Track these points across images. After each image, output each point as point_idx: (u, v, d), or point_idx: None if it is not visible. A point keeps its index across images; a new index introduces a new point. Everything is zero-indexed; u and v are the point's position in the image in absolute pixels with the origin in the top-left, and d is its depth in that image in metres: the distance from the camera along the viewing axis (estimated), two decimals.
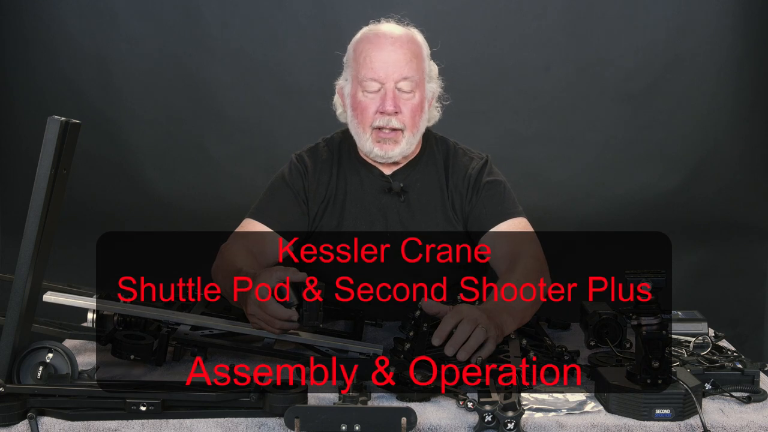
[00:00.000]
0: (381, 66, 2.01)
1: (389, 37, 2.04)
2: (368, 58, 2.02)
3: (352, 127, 2.09)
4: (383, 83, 2.01)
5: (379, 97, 2.02)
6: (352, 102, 2.07)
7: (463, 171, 2.15)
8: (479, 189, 2.12)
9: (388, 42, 2.03)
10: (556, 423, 1.41)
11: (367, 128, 2.05)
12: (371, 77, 2.01)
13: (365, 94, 2.03)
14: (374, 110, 2.03)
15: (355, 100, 2.05)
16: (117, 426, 1.40)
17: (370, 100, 2.03)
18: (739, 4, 3.37)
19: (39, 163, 1.39)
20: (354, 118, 2.07)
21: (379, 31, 2.06)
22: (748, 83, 3.42)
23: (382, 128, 2.03)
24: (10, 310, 1.42)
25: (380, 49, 2.02)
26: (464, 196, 2.13)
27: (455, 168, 2.15)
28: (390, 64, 2.01)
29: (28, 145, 2.25)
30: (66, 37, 3.39)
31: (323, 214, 2.11)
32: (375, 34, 2.06)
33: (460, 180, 2.14)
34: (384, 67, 2.01)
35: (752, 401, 1.52)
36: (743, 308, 3.53)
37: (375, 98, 2.02)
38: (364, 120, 2.04)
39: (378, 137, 2.05)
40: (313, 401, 1.48)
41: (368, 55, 2.02)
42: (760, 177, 3.48)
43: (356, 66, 2.04)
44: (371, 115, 2.03)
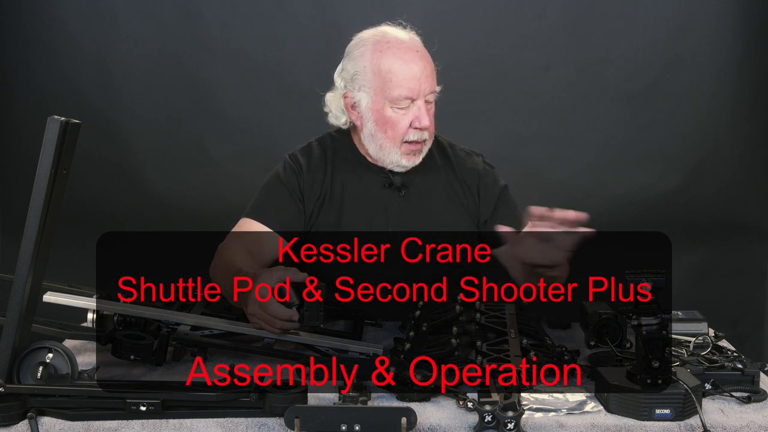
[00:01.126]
0: (414, 83, 2.01)
1: (411, 49, 2.04)
2: (399, 75, 2.01)
3: (375, 141, 2.07)
4: (415, 99, 2.02)
5: (410, 112, 2.02)
6: (377, 117, 2.05)
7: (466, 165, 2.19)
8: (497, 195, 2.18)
9: (414, 56, 2.03)
10: (556, 423, 1.42)
11: (397, 142, 2.05)
12: (406, 96, 2.01)
13: (396, 110, 2.03)
14: (407, 125, 2.03)
15: (382, 116, 2.04)
16: (117, 426, 1.41)
17: (401, 116, 2.03)
18: (739, 4, 3.37)
19: (39, 163, 1.39)
20: (381, 133, 2.05)
21: (399, 43, 2.04)
22: (748, 83, 3.42)
23: (414, 142, 2.05)
24: (10, 310, 1.42)
25: (408, 64, 2.01)
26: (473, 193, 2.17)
27: (455, 162, 2.19)
28: (422, 81, 2.01)
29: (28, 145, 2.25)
30: (66, 37, 3.39)
31: (319, 212, 2.11)
32: (396, 46, 2.03)
33: (467, 174, 2.17)
34: (417, 84, 2.01)
35: (752, 401, 1.52)
36: (743, 308, 3.53)
37: (407, 113, 2.03)
38: (396, 135, 2.04)
39: (408, 150, 2.06)
40: (313, 401, 1.48)
41: (398, 71, 2.01)
42: (760, 177, 3.48)
43: (381, 82, 2.02)
44: (403, 129, 2.04)
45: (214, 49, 3.41)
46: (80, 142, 1.44)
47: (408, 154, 2.07)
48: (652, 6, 3.40)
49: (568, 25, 3.40)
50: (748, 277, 3.55)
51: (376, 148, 2.08)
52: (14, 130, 3.44)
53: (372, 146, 2.09)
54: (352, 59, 2.07)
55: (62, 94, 3.40)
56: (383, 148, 2.07)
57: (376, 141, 2.07)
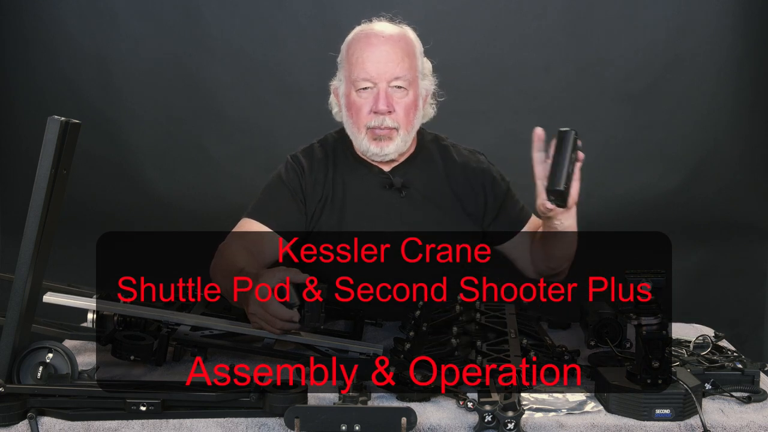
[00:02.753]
0: (373, 66, 2.01)
1: (380, 36, 2.05)
2: (360, 58, 2.03)
3: (347, 127, 2.10)
4: (376, 83, 2.02)
5: (372, 96, 2.03)
6: (346, 102, 2.07)
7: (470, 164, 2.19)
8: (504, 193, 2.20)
9: (380, 41, 2.03)
10: (556, 423, 1.41)
11: (362, 128, 2.05)
12: (363, 77, 2.02)
13: (359, 94, 2.04)
14: (368, 110, 2.03)
15: (349, 101, 2.06)
16: (117, 426, 1.41)
17: (363, 99, 2.04)
18: (739, 4, 3.37)
19: (39, 163, 1.39)
20: (349, 118, 2.08)
21: (370, 31, 2.07)
22: (748, 83, 3.41)
23: (376, 128, 2.04)
24: (10, 310, 1.42)
25: (372, 49, 2.03)
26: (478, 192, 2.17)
27: (460, 161, 2.19)
28: (382, 64, 2.01)
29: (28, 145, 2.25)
30: (66, 37, 3.39)
31: (321, 213, 2.11)
32: (366, 33, 2.06)
33: (471, 173, 2.17)
34: (376, 67, 2.01)
35: (752, 401, 1.52)
36: (743, 308, 3.53)
37: (368, 98, 2.03)
38: (359, 120, 2.05)
39: (373, 135, 2.05)
40: (313, 401, 1.48)
41: (360, 55, 2.03)
42: (760, 177, 3.48)
43: (348, 66, 2.05)
44: (365, 114, 2.04)
45: (214, 49, 3.41)
46: (80, 142, 1.44)
47: (375, 140, 2.06)
48: (652, 6, 3.40)
49: (568, 25, 3.40)
50: (748, 277, 3.55)
51: (352, 138, 2.11)
52: (14, 130, 3.44)
53: (351, 137, 2.11)
54: (340, 51, 2.11)
55: (62, 94, 3.40)
56: (353, 135, 2.09)
57: (348, 128, 2.10)
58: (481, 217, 2.19)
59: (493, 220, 2.20)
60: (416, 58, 2.07)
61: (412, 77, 2.05)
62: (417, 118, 2.09)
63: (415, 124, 2.09)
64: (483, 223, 2.20)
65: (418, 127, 2.12)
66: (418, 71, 2.08)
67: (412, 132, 2.10)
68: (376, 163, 2.14)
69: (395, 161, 2.14)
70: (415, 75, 2.06)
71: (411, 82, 2.05)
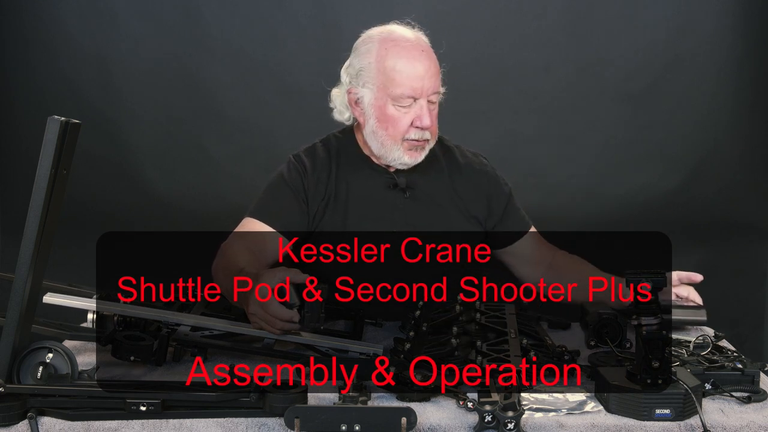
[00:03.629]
0: (417, 82, 2.01)
1: (417, 48, 2.04)
2: (402, 73, 2.01)
3: (377, 138, 2.07)
4: (418, 98, 2.02)
5: (412, 111, 2.03)
6: (378, 114, 2.05)
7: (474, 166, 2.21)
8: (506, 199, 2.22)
9: (418, 54, 2.03)
10: (556, 423, 1.41)
11: (398, 140, 2.05)
12: (409, 94, 2.01)
13: (398, 108, 2.03)
14: (408, 123, 2.04)
15: (384, 113, 2.04)
16: (117, 426, 1.40)
17: (403, 114, 2.03)
18: (739, 4, 3.37)
19: (39, 163, 1.39)
20: (382, 130, 2.06)
21: (403, 41, 2.05)
22: (748, 83, 3.42)
23: (415, 140, 2.05)
24: (10, 310, 1.42)
25: (414, 63, 2.01)
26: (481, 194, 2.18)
27: (463, 163, 2.20)
28: (425, 80, 2.01)
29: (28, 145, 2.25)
30: (66, 37, 3.39)
31: (324, 213, 2.11)
32: (399, 43, 2.04)
33: (476, 175, 2.18)
34: (420, 83, 2.01)
35: (752, 401, 1.52)
36: (743, 308, 3.53)
37: (408, 111, 2.03)
38: (396, 133, 2.04)
39: (410, 146, 2.06)
40: (313, 401, 1.48)
41: (402, 69, 2.01)
42: (760, 177, 3.48)
43: (385, 79, 2.02)
44: (405, 128, 2.04)
45: (214, 49, 3.41)
46: (80, 142, 1.44)
47: (410, 150, 2.07)
48: (652, 6, 3.40)
49: (568, 25, 3.40)
50: (748, 277, 3.55)
51: (378, 146, 2.08)
52: (14, 130, 3.44)
53: (374, 143, 2.09)
54: (358, 55, 2.08)
55: (62, 94, 3.40)
56: (384, 146, 2.07)
57: (378, 138, 2.07)
58: (485, 220, 2.20)
59: (497, 223, 2.21)
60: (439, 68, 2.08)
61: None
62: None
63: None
64: (486, 226, 2.20)
65: None
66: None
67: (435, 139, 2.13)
68: (382, 163, 2.14)
69: None
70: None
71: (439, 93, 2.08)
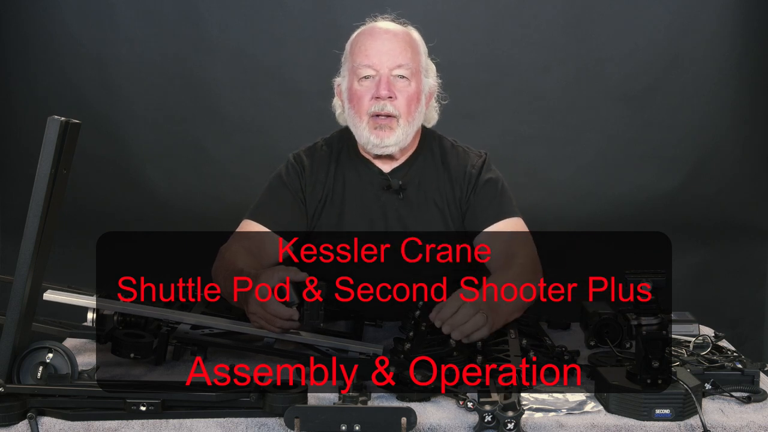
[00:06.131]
0: (375, 53, 2.03)
1: (384, 29, 2.08)
2: (363, 47, 2.05)
3: (349, 119, 2.09)
4: (378, 70, 2.03)
5: (374, 84, 2.03)
6: (348, 94, 2.08)
7: (463, 168, 2.15)
8: (477, 186, 2.13)
9: (383, 33, 2.07)
10: (556, 423, 1.42)
11: (363, 116, 2.05)
12: (366, 64, 2.03)
13: (360, 83, 2.05)
14: (370, 97, 2.04)
15: (351, 91, 2.07)
16: (117, 426, 1.41)
17: (365, 88, 2.04)
18: (739, 4, 3.37)
19: (39, 163, 1.39)
20: (351, 109, 2.07)
21: (374, 26, 2.10)
22: (748, 83, 3.41)
23: (378, 115, 2.04)
24: (10, 310, 1.42)
25: (374, 39, 2.06)
26: (463, 194, 2.13)
27: (454, 165, 2.16)
28: (384, 52, 2.03)
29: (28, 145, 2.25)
30: (66, 37, 3.39)
31: (321, 212, 2.12)
32: (371, 28, 2.10)
33: (460, 177, 2.14)
34: (378, 54, 2.03)
35: (752, 401, 1.52)
36: (743, 308, 3.53)
37: (370, 86, 2.04)
38: (360, 108, 2.05)
39: (374, 124, 2.05)
40: (313, 401, 1.48)
41: (363, 44, 2.05)
42: (760, 177, 3.48)
43: (352, 58, 2.07)
44: (367, 102, 2.04)
45: (214, 49, 3.41)
46: (80, 142, 1.44)
47: (376, 129, 2.05)
48: (652, 6, 3.40)
49: (568, 25, 3.40)
50: (748, 277, 3.55)
51: (353, 130, 2.09)
52: (14, 130, 3.44)
53: (353, 130, 2.10)
54: (345, 49, 2.13)
55: (62, 94, 3.40)
56: (355, 126, 2.08)
57: (351, 120, 2.09)
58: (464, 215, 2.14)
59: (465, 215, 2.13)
60: (419, 53, 2.08)
61: (414, 69, 2.05)
62: (419, 112, 2.08)
63: (417, 117, 2.08)
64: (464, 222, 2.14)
65: (419, 122, 2.11)
66: (421, 66, 2.08)
67: (413, 125, 2.08)
68: (376, 162, 2.13)
69: (396, 161, 2.14)
70: (418, 68, 2.07)
71: (413, 73, 2.05)
